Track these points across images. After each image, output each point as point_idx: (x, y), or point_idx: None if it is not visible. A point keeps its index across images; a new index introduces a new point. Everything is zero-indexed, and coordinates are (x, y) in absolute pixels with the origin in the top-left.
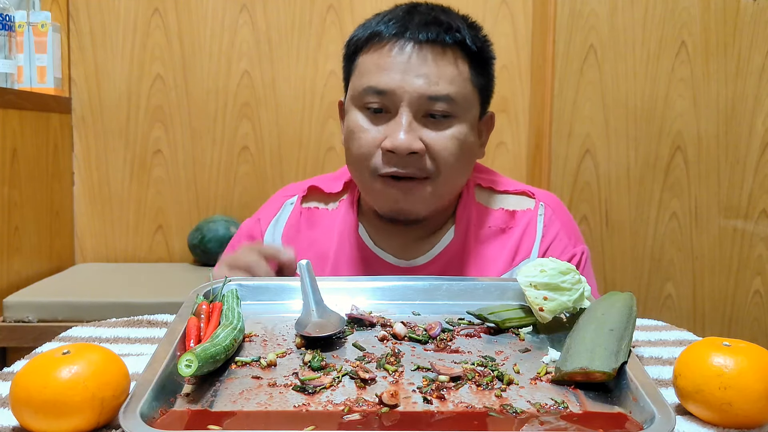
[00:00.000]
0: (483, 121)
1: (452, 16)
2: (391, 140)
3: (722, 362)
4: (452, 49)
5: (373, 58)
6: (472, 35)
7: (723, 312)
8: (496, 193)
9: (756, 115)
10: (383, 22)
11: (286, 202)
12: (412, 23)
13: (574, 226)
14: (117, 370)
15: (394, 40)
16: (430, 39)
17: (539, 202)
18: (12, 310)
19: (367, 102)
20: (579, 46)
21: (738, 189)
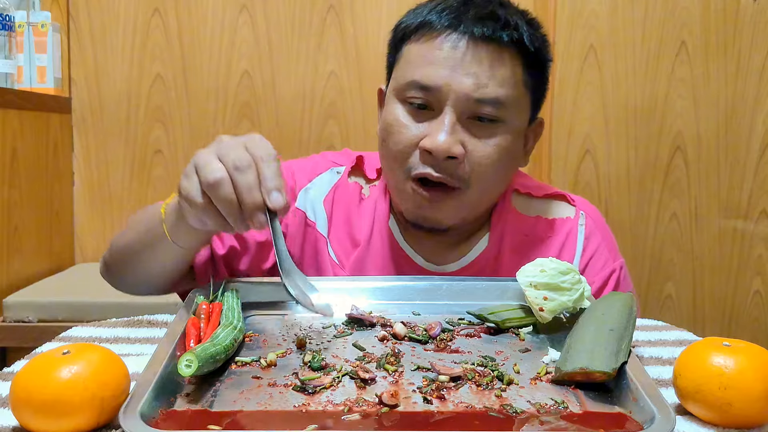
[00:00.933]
0: (531, 127)
1: (511, 10)
2: (431, 140)
3: (722, 362)
4: (508, 48)
5: (422, 49)
6: (531, 33)
7: (723, 312)
8: (534, 198)
9: (756, 115)
10: (436, 11)
11: (332, 168)
12: (467, 16)
13: (613, 239)
14: (117, 370)
15: (446, 32)
16: (486, 35)
17: (579, 210)
18: (12, 310)
19: (409, 96)
20: (579, 46)
21: (738, 189)
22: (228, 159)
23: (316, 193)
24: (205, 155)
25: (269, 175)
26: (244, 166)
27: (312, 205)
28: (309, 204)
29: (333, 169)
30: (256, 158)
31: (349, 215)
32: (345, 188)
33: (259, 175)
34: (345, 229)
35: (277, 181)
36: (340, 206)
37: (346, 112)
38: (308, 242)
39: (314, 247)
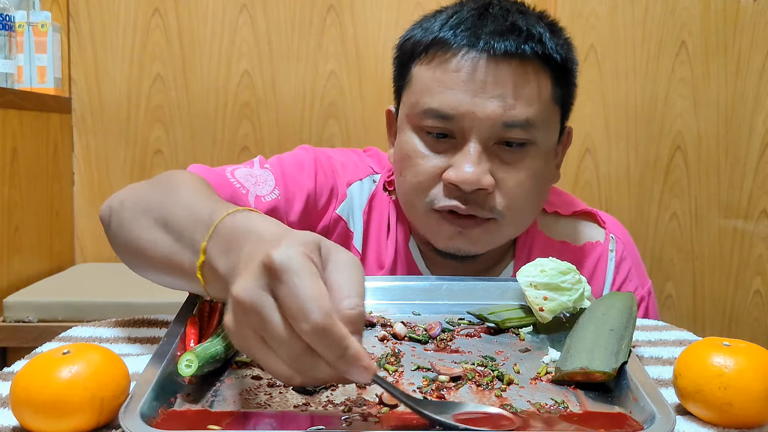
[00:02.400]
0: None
1: (531, 18)
2: (456, 173)
3: (722, 362)
4: (532, 63)
5: (436, 73)
6: (556, 43)
7: (723, 312)
8: (562, 217)
9: (756, 115)
10: (449, 26)
11: (370, 175)
12: (484, 31)
13: (641, 261)
14: (117, 370)
15: (463, 51)
16: (508, 52)
17: (609, 234)
18: (12, 310)
19: (427, 125)
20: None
21: (738, 189)
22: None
23: (356, 201)
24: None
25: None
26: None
27: (352, 214)
28: (349, 212)
29: (371, 176)
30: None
31: (380, 232)
32: (381, 200)
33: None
34: (375, 247)
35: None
36: (375, 221)
37: (346, 112)
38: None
39: None
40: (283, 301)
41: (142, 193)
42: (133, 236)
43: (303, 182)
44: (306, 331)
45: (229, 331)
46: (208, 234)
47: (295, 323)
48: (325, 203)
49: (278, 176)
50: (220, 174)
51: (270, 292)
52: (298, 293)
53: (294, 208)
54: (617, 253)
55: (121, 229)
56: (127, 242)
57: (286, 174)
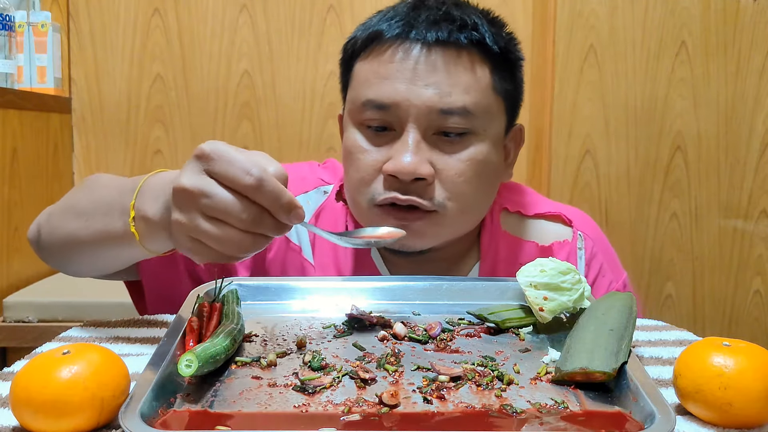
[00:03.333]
0: (510, 135)
1: (468, 10)
2: (394, 163)
3: (722, 362)
4: (468, 51)
5: (373, 65)
6: (494, 33)
7: (723, 312)
8: (526, 218)
9: (756, 115)
10: (384, 20)
11: (319, 186)
12: (418, 21)
13: (613, 253)
14: (117, 370)
15: (398, 42)
16: (441, 39)
17: (577, 231)
18: (12, 310)
19: (366, 118)
20: (579, 46)
21: (738, 189)
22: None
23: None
24: (195, 181)
25: (279, 193)
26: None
27: (295, 228)
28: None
29: (320, 188)
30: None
31: (335, 246)
32: (331, 211)
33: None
34: (330, 256)
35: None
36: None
37: None
38: (293, 268)
39: (301, 275)
40: (223, 174)
41: (65, 199)
42: (65, 232)
43: None
44: (250, 185)
45: (179, 225)
46: (134, 194)
47: (239, 183)
48: None
49: None
50: None
51: (208, 174)
52: (234, 160)
53: None
54: (587, 251)
55: (52, 234)
56: (61, 241)
57: None
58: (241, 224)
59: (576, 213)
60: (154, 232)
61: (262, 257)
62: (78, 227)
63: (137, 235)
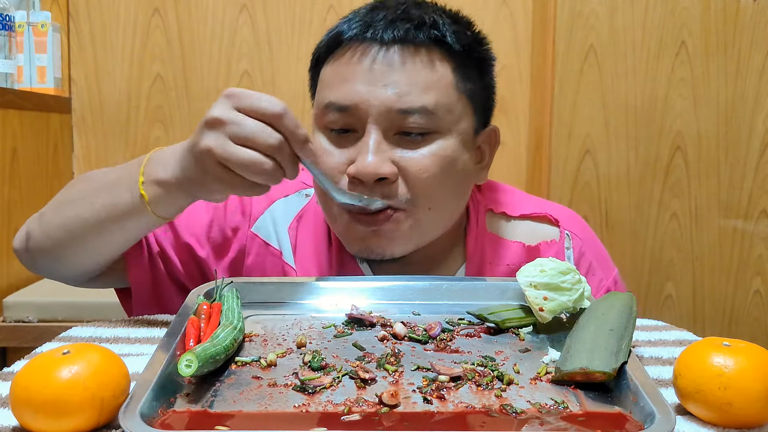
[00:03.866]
0: (482, 137)
1: (428, 8)
2: (356, 165)
3: (722, 362)
4: (427, 49)
5: (334, 67)
6: (455, 30)
7: (723, 312)
8: (512, 218)
9: (756, 115)
10: (345, 21)
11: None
12: (375, 20)
13: (603, 250)
14: (117, 370)
15: (356, 43)
16: (398, 38)
17: (564, 230)
18: (12, 310)
19: (329, 121)
20: (579, 46)
21: (738, 189)
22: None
23: (281, 217)
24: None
25: (298, 124)
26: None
27: (276, 231)
28: (272, 229)
29: (302, 192)
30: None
31: (317, 246)
32: (312, 215)
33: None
34: (313, 261)
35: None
36: (306, 236)
37: None
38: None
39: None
40: (250, 106)
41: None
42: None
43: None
44: (275, 114)
45: (209, 152)
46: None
47: (265, 112)
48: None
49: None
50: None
51: (236, 109)
52: (260, 97)
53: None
54: (575, 250)
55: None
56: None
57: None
58: (266, 148)
59: (562, 211)
60: (165, 193)
61: (241, 263)
62: (78, 211)
63: (146, 197)
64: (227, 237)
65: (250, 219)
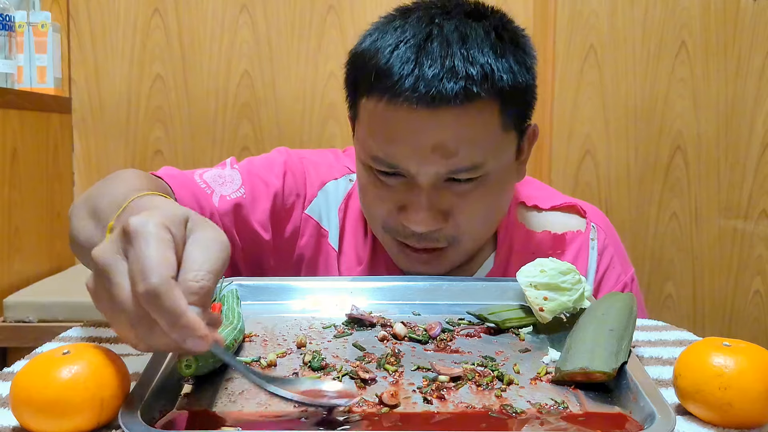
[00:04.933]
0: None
1: (473, 46)
2: (407, 218)
3: (722, 362)
4: (476, 102)
5: (379, 113)
6: (502, 68)
7: (723, 312)
8: (542, 211)
9: (756, 115)
10: (395, 61)
11: (346, 174)
12: (423, 75)
13: (623, 248)
14: (117, 370)
15: (406, 99)
16: (446, 97)
17: (590, 222)
18: (12, 310)
19: (374, 167)
20: (579, 46)
21: (738, 189)
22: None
23: (331, 200)
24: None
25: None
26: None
27: (327, 213)
28: (324, 211)
29: (347, 176)
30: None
31: (357, 229)
32: (355, 200)
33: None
34: (353, 243)
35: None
36: (352, 219)
37: (346, 113)
38: (322, 254)
39: (326, 261)
40: (129, 264)
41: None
42: (72, 226)
43: (270, 181)
44: (140, 294)
45: (89, 291)
46: (116, 215)
47: (133, 286)
48: (292, 203)
49: (245, 176)
50: (187, 176)
51: (123, 256)
52: (141, 256)
53: (260, 206)
54: (599, 242)
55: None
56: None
57: (253, 174)
58: (130, 330)
59: (589, 206)
60: None
61: (294, 243)
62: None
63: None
64: (282, 219)
65: (304, 201)
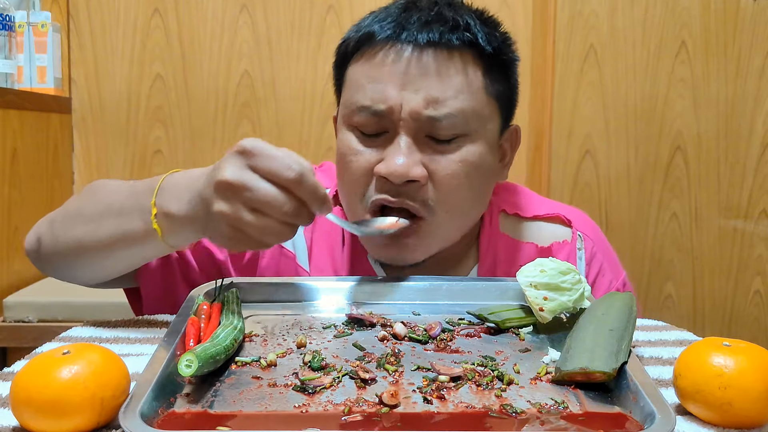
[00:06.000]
0: (505, 136)
1: (461, 10)
2: (386, 165)
3: (722, 362)
4: (460, 53)
5: (365, 68)
6: (487, 33)
7: (723, 312)
8: (525, 219)
9: (756, 115)
10: (377, 20)
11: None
12: (409, 22)
13: (613, 253)
14: (117, 370)
15: (389, 44)
16: (432, 41)
17: (576, 231)
18: (12, 310)
19: (359, 122)
20: (579, 46)
21: (738, 189)
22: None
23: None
24: (244, 178)
25: (316, 186)
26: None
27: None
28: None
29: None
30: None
31: (332, 246)
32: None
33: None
34: (328, 261)
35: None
36: (322, 236)
37: None
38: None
39: None
40: (265, 168)
41: (66, 206)
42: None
43: None
44: (291, 179)
45: (222, 216)
46: (154, 193)
47: (281, 177)
48: None
49: None
50: None
51: (251, 169)
52: (276, 156)
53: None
54: (587, 251)
55: (56, 243)
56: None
57: None
58: (282, 216)
59: (575, 213)
60: (177, 228)
61: (255, 264)
62: (88, 232)
63: (160, 231)
64: None
65: None
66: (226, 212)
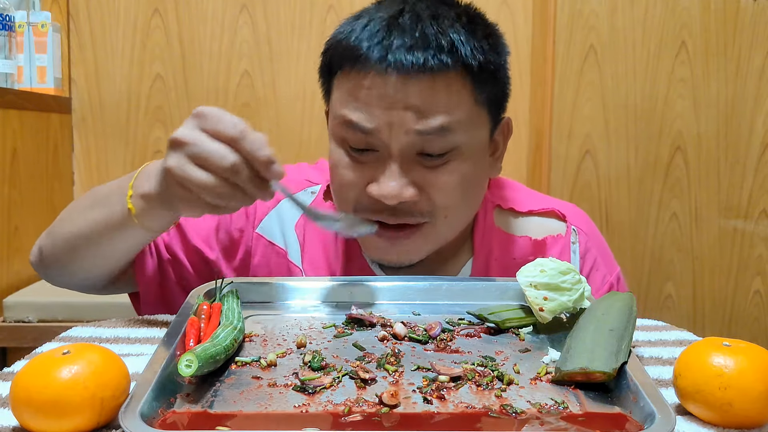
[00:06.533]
0: (498, 130)
1: (444, 23)
2: (378, 188)
3: (722, 362)
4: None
5: (351, 84)
6: (472, 46)
7: (723, 312)
8: (519, 214)
9: (756, 115)
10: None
11: (307, 188)
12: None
13: (607, 248)
14: (117, 370)
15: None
16: (416, 66)
17: (570, 226)
18: (12, 310)
19: (348, 138)
20: (579, 46)
21: (738, 189)
22: (222, 136)
23: (287, 216)
24: (195, 139)
25: (261, 145)
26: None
27: (282, 231)
28: (278, 229)
29: (307, 189)
30: (243, 132)
31: (325, 242)
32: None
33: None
34: (322, 256)
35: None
36: (314, 232)
37: None
38: (279, 272)
39: None
40: (212, 127)
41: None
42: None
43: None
44: (233, 135)
45: (169, 172)
46: (133, 177)
47: (224, 133)
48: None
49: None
50: None
51: (200, 129)
52: (223, 118)
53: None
54: (581, 245)
55: (54, 245)
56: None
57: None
58: (221, 171)
59: (569, 208)
60: (152, 208)
61: (248, 263)
62: (77, 225)
63: (133, 210)
64: (234, 239)
65: (254, 220)
66: (172, 167)
